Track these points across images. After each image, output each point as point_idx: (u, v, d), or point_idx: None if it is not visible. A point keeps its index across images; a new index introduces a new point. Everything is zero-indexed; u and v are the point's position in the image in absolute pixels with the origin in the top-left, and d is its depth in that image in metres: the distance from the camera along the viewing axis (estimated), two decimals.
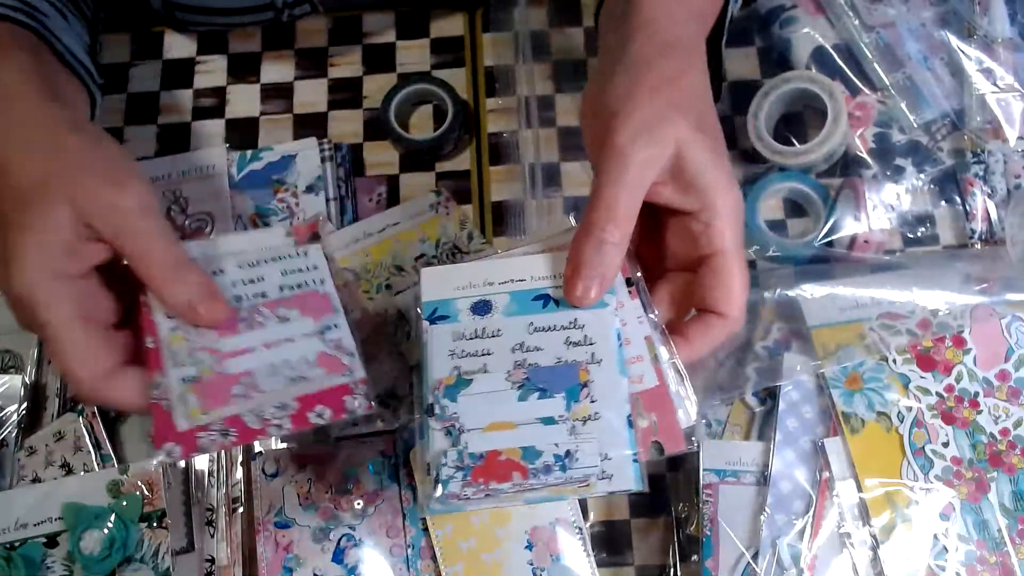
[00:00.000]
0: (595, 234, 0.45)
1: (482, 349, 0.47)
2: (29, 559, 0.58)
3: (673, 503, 0.61)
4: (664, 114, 0.46)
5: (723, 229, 0.46)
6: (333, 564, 0.59)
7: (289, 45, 0.77)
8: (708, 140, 0.46)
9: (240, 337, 0.47)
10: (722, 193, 0.46)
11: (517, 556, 0.58)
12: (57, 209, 0.44)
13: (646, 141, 0.45)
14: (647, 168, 0.45)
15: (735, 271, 0.47)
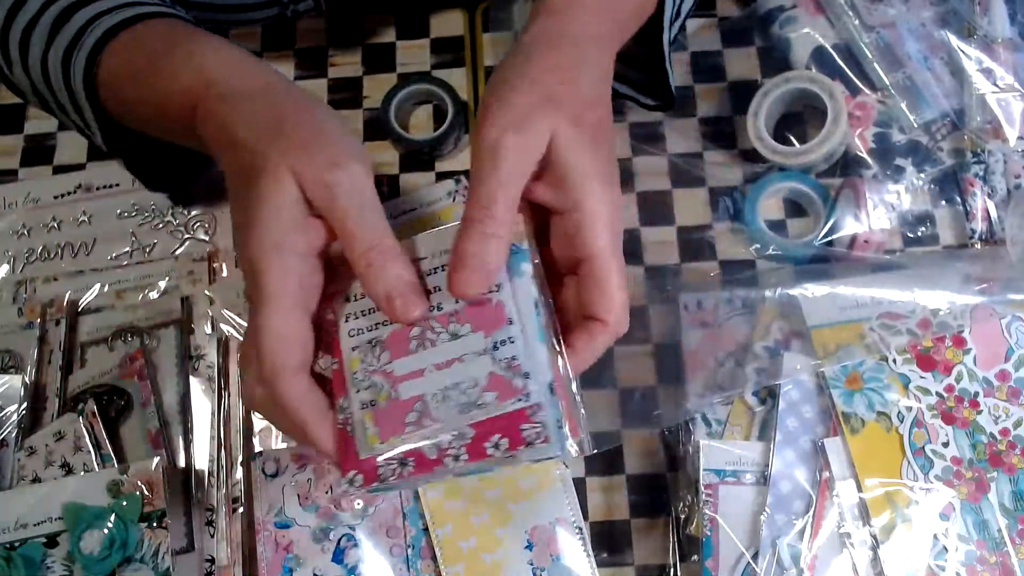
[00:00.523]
0: (476, 228, 0.44)
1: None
2: (29, 559, 0.58)
3: (673, 503, 0.61)
4: (539, 105, 0.45)
5: (594, 231, 0.45)
6: (333, 564, 0.59)
7: (289, 45, 0.78)
8: (585, 136, 0.45)
9: (411, 358, 0.44)
10: (594, 192, 0.45)
11: (517, 556, 0.58)
12: (284, 181, 0.44)
13: (516, 133, 0.44)
14: (520, 161, 0.44)
15: (610, 275, 0.45)
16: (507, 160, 0.44)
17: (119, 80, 0.55)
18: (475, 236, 0.44)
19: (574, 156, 0.45)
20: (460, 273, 0.44)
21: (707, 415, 0.61)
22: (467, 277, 0.44)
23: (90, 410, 0.62)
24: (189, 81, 0.51)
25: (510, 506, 0.59)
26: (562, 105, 0.45)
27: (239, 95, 0.49)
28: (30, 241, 0.70)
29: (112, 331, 0.66)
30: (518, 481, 0.60)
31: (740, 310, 0.64)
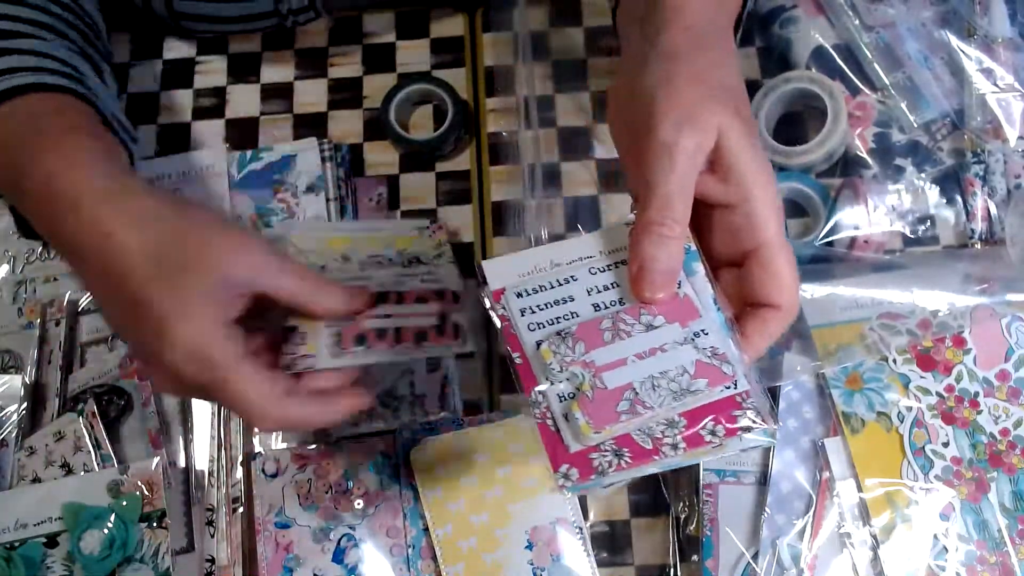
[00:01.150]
0: (654, 230, 0.44)
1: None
2: (29, 559, 0.58)
3: (673, 503, 0.61)
4: (704, 103, 0.45)
5: (766, 220, 0.45)
6: (333, 564, 0.59)
7: (289, 45, 0.78)
8: (746, 129, 0.46)
9: (610, 348, 0.44)
10: (762, 183, 0.45)
11: (517, 556, 0.58)
12: (197, 275, 0.47)
13: (690, 130, 0.44)
14: (695, 158, 0.45)
15: (783, 261, 0.46)
16: (683, 159, 0.44)
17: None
18: (656, 239, 0.44)
19: (741, 149, 0.45)
20: (646, 277, 0.45)
21: None
22: (652, 280, 0.45)
23: (90, 410, 0.62)
24: (64, 172, 0.50)
25: (510, 506, 0.59)
26: (725, 100, 0.46)
27: (123, 201, 0.49)
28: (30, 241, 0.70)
29: (112, 331, 0.66)
30: (518, 481, 0.60)
31: None
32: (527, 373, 0.45)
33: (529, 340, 0.45)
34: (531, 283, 0.47)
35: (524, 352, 0.45)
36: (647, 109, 0.46)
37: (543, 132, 0.73)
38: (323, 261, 0.57)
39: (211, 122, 0.75)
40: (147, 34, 0.78)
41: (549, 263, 0.48)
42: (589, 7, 0.77)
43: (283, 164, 0.70)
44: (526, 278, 0.47)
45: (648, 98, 0.46)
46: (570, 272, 0.47)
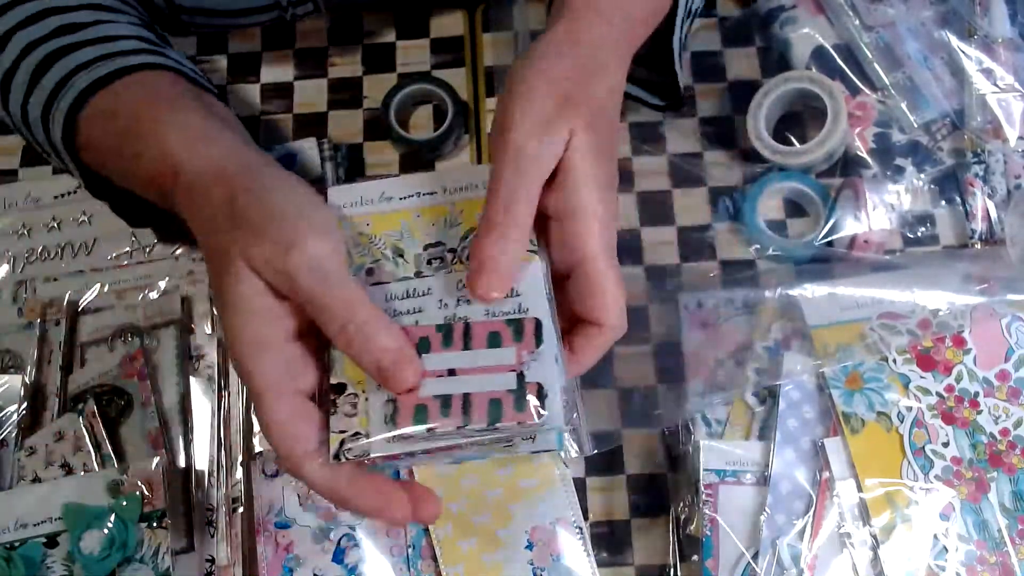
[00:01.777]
0: (498, 232, 0.44)
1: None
2: (29, 559, 0.58)
3: (673, 503, 0.61)
4: (559, 109, 0.45)
5: (589, 235, 0.45)
6: (333, 564, 0.59)
7: (289, 45, 0.78)
8: (595, 142, 0.46)
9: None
10: (591, 196, 0.45)
11: (518, 556, 0.58)
12: (244, 275, 0.45)
13: (541, 137, 0.44)
14: (542, 166, 0.45)
15: (605, 277, 0.46)
16: (531, 165, 0.44)
17: (98, 151, 0.55)
18: (497, 240, 0.44)
19: (581, 161, 0.45)
20: (483, 277, 0.44)
21: (707, 415, 0.61)
22: (489, 280, 0.44)
23: (90, 410, 0.62)
24: (157, 169, 0.51)
25: (510, 507, 0.59)
26: (579, 110, 0.46)
27: (199, 186, 0.49)
28: (30, 241, 0.70)
29: (112, 331, 0.66)
30: (519, 481, 0.60)
31: (740, 310, 0.64)
32: None
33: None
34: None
35: None
36: (504, 107, 0.46)
37: None
38: (372, 257, 0.50)
39: None
40: None
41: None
42: None
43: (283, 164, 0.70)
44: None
45: (509, 98, 0.46)
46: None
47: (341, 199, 0.51)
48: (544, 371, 0.43)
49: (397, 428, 0.43)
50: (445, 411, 0.43)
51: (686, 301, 0.65)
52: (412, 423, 0.43)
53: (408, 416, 0.43)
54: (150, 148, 0.51)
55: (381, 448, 0.43)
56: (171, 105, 0.54)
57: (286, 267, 0.44)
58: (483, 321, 0.45)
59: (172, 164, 0.50)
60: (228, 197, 0.47)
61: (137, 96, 0.54)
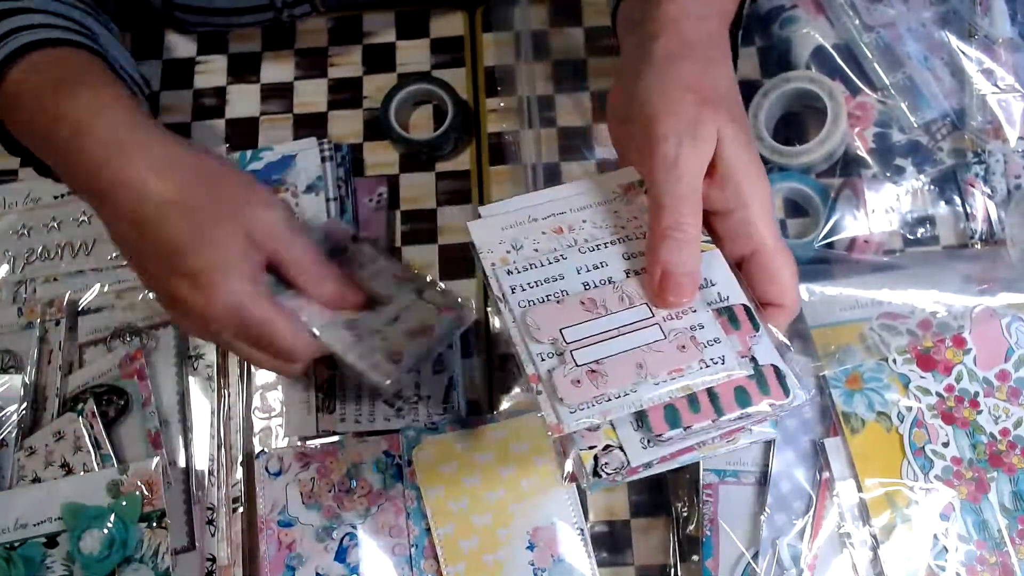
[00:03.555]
0: (671, 235, 0.45)
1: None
2: (29, 559, 0.58)
3: (673, 503, 0.61)
4: (701, 112, 0.46)
5: (761, 225, 0.46)
6: (336, 563, 0.59)
7: (289, 45, 0.77)
8: (742, 133, 0.46)
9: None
10: (757, 188, 0.46)
11: (518, 556, 0.58)
12: (230, 227, 0.52)
13: (691, 142, 0.45)
14: (698, 167, 0.45)
15: (781, 263, 0.47)
16: (688, 169, 0.45)
17: (21, 95, 0.55)
18: (674, 243, 0.45)
19: (737, 155, 0.46)
20: (671, 282, 0.45)
21: None
22: (678, 284, 0.45)
23: (90, 410, 0.62)
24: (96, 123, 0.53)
25: (512, 507, 0.59)
26: (720, 107, 0.46)
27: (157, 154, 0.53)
28: (30, 241, 0.70)
29: (111, 331, 0.66)
30: (520, 481, 0.60)
31: None
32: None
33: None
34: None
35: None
36: (647, 121, 0.46)
37: (543, 132, 0.73)
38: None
39: (211, 122, 0.75)
40: (147, 34, 0.78)
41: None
42: (589, 7, 0.77)
43: (283, 164, 0.70)
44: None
45: (646, 108, 0.47)
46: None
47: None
48: (771, 352, 0.44)
49: (654, 433, 0.42)
50: (695, 407, 0.43)
51: None
52: (668, 426, 0.42)
53: (660, 419, 0.42)
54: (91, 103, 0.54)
55: (639, 456, 0.42)
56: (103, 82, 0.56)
57: (270, 219, 0.54)
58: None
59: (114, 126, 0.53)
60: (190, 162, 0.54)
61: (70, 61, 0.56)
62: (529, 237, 0.48)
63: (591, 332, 0.44)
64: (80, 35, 0.58)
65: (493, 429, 0.61)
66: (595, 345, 0.44)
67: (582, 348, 0.43)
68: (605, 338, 0.44)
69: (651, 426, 0.42)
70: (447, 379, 0.64)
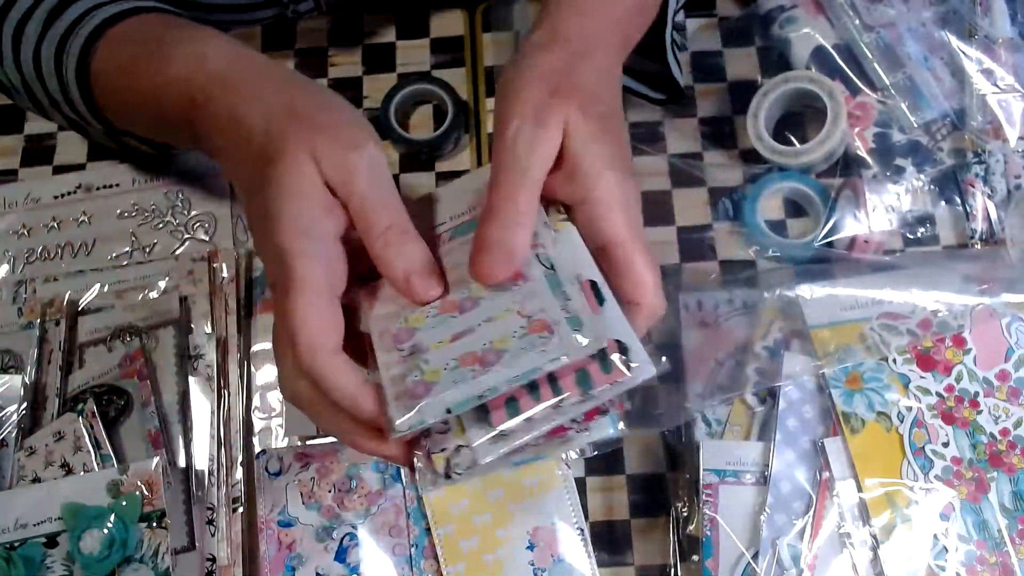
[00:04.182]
0: (500, 215, 0.44)
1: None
2: (29, 559, 0.58)
3: (673, 503, 0.61)
4: (549, 101, 0.45)
5: (611, 218, 0.45)
6: (336, 563, 0.59)
7: (289, 45, 0.77)
8: (593, 126, 0.46)
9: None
10: (603, 178, 0.45)
11: (519, 557, 0.58)
12: (305, 165, 0.45)
13: (531, 128, 0.45)
14: (539, 152, 0.45)
15: (636, 258, 0.45)
16: (527, 151, 0.44)
17: (113, 70, 0.55)
18: (499, 222, 0.44)
19: (583, 146, 0.45)
20: (484, 256, 0.44)
21: (707, 415, 0.61)
22: (492, 260, 0.44)
23: (90, 410, 0.62)
24: (187, 70, 0.51)
25: (512, 507, 0.59)
26: (572, 99, 0.46)
27: (244, 82, 0.49)
28: (30, 241, 0.70)
29: (112, 331, 0.66)
30: (521, 481, 0.60)
31: (740, 310, 0.64)
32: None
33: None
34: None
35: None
36: (497, 107, 0.47)
37: None
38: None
39: None
40: None
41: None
42: None
43: None
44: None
45: (499, 94, 0.47)
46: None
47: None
48: (616, 327, 0.42)
49: (495, 427, 0.41)
50: (535, 395, 0.41)
51: (686, 301, 0.65)
52: (507, 417, 0.41)
53: (501, 411, 0.41)
54: (178, 53, 0.51)
55: (487, 452, 0.41)
56: (201, 27, 0.55)
57: (347, 164, 0.45)
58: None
59: (205, 68, 0.50)
60: (282, 93, 0.48)
61: (160, 22, 0.55)
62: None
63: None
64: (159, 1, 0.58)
65: None
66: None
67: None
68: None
69: (492, 421, 0.41)
70: None
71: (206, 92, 0.50)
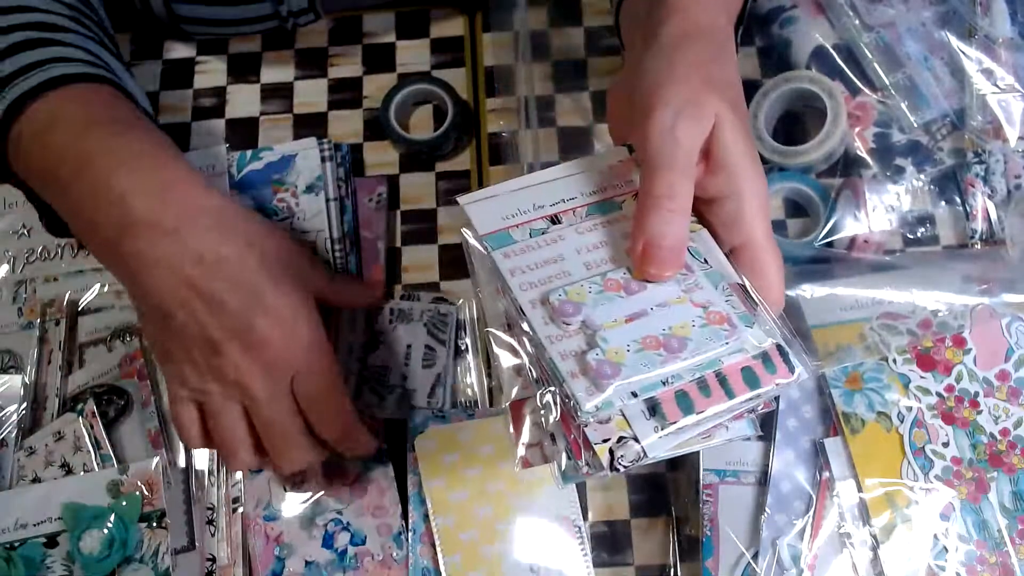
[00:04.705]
0: (663, 207, 0.43)
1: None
2: (29, 559, 0.58)
3: (673, 503, 0.61)
4: (704, 90, 0.45)
5: (752, 216, 0.45)
6: (323, 550, 0.60)
7: (289, 45, 0.78)
8: (741, 122, 0.46)
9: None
10: (752, 179, 0.45)
11: (516, 551, 0.58)
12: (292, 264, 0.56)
13: (691, 113, 0.44)
14: (695, 142, 0.44)
15: (769, 259, 0.46)
16: (685, 137, 0.44)
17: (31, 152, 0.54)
18: (662, 215, 0.43)
19: (735, 143, 0.45)
20: (653, 254, 0.43)
21: None
22: (661, 257, 0.43)
23: (90, 410, 0.62)
24: (111, 216, 0.52)
25: (512, 501, 0.59)
26: (724, 92, 0.46)
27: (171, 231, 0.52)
28: (30, 241, 0.70)
29: (112, 331, 0.66)
30: (522, 476, 0.60)
31: None
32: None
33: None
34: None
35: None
36: (647, 93, 0.45)
37: (543, 132, 0.73)
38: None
39: (211, 122, 0.75)
40: (147, 35, 0.78)
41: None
42: (589, 7, 0.77)
43: (283, 164, 0.70)
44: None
45: (648, 80, 0.46)
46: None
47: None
48: (774, 329, 0.43)
49: (668, 420, 0.41)
50: (705, 392, 0.42)
51: None
52: (681, 412, 0.41)
53: (673, 406, 0.41)
54: (101, 190, 0.52)
55: (657, 446, 0.41)
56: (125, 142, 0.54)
57: (261, 326, 0.53)
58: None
59: (129, 218, 0.51)
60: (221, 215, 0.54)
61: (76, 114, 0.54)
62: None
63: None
64: (106, 71, 0.57)
65: (498, 422, 0.62)
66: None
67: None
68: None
69: (664, 414, 0.41)
70: (435, 375, 0.64)
71: (137, 244, 0.51)
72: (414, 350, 0.65)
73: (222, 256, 0.52)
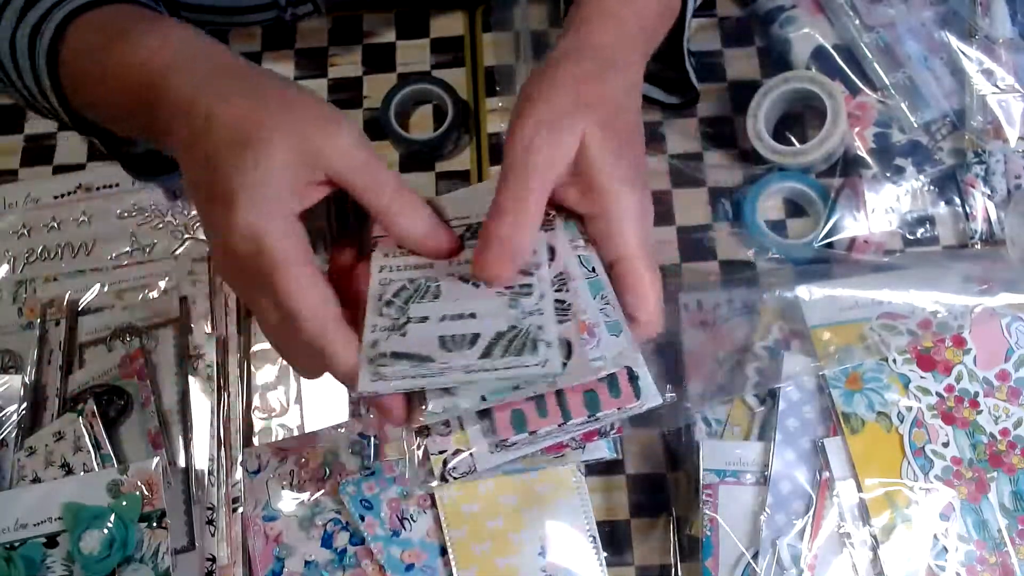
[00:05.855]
0: (508, 215, 0.44)
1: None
2: (29, 559, 0.58)
3: (673, 503, 0.61)
4: (571, 108, 0.45)
5: (623, 233, 0.46)
6: (323, 549, 0.60)
7: (289, 45, 0.78)
8: (613, 141, 0.46)
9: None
10: (620, 195, 0.46)
11: (530, 562, 0.58)
12: (278, 151, 0.44)
13: (548, 132, 0.45)
14: (551, 158, 0.45)
15: (642, 275, 0.46)
16: (540, 156, 0.44)
17: (79, 55, 0.54)
18: (507, 221, 0.44)
19: (602, 160, 0.45)
20: (488, 253, 0.44)
21: (707, 415, 0.61)
22: (495, 258, 0.44)
23: (90, 410, 0.62)
24: (148, 55, 0.50)
25: (524, 512, 0.59)
26: (593, 109, 0.46)
27: (205, 69, 0.49)
28: (30, 241, 0.70)
29: (112, 331, 0.66)
30: (534, 487, 0.60)
31: (740, 310, 0.64)
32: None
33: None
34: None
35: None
36: (517, 109, 0.46)
37: None
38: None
39: None
40: None
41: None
42: None
43: None
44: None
45: (523, 98, 0.47)
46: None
47: None
48: (628, 352, 0.43)
49: (499, 437, 0.42)
50: (542, 412, 0.42)
51: (686, 301, 0.65)
52: (513, 430, 0.42)
53: (506, 423, 0.42)
54: (140, 38, 0.50)
55: (486, 461, 0.42)
56: (167, 18, 0.54)
57: (341, 142, 0.45)
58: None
59: (163, 56, 0.49)
60: (251, 82, 0.47)
61: (130, 10, 0.54)
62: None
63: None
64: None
65: None
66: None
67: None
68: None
69: (496, 430, 0.42)
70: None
71: (166, 77, 0.49)
72: None
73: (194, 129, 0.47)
